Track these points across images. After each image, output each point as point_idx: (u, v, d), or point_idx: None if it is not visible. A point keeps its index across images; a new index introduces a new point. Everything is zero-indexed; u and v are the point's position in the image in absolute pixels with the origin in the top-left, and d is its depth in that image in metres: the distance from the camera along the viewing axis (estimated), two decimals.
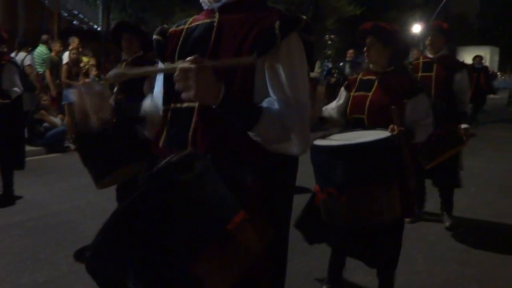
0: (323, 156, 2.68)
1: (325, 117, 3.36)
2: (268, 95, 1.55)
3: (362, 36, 3.17)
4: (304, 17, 1.60)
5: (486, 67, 15.84)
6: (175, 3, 20.12)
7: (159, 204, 1.25)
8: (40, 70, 10.02)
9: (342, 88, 3.37)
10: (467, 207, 5.45)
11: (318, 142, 2.74)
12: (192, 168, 1.33)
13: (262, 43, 1.53)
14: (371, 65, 3.20)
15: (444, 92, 4.50)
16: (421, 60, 4.80)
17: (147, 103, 1.90)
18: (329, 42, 23.49)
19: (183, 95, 1.43)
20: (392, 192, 2.66)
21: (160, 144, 1.70)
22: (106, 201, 4.43)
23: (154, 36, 1.81)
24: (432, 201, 5.13)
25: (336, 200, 2.61)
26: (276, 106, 1.52)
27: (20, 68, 5.65)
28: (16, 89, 5.26)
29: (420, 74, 4.64)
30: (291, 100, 1.52)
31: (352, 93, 3.22)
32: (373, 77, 3.15)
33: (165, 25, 1.86)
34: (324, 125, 3.38)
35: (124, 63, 4.65)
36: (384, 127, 2.83)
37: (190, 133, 1.59)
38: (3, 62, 5.18)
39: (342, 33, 21.51)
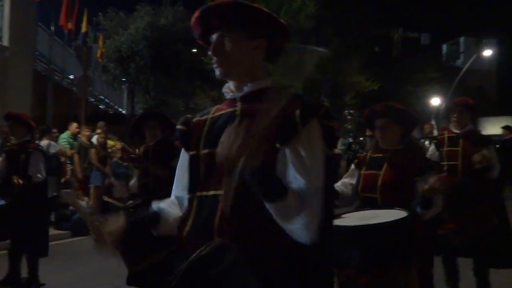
0: (339, 237, 2.63)
1: (337, 191, 3.33)
2: (285, 177, 1.57)
3: (372, 117, 3.22)
4: (324, 104, 1.67)
5: None
6: (196, 85, 20.86)
7: None
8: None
9: (353, 166, 3.38)
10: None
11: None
12: (221, 260, 1.32)
13: (284, 133, 1.58)
14: (380, 143, 3.22)
15: (471, 167, 4.45)
16: (446, 135, 4.79)
17: (164, 202, 1.90)
18: (349, 117, 23.81)
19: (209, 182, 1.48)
20: (410, 275, 2.59)
21: (185, 232, 1.69)
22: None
23: (178, 126, 1.86)
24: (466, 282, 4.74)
25: (354, 282, 2.53)
26: (295, 185, 1.54)
27: (46, 155, 5.84)
28: (39, 175, 5.41)
29: (445, 148, 4.62)
30: (310, 183, 1.54)
31: (362, 171, 3.22)
32: (383, 155, 3.16)
33: (188, 115, 1.91)
34: (336, 200, 3.34)
35: (144, 148, 4.80)
36: (398, 205, 2.80)
37: (216, 221, 1.58)
38: (30, 150, 5.37)
39: (361, 108, 21.83)
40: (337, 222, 2.70)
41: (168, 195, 1.95)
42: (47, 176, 5.66)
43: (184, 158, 1.85)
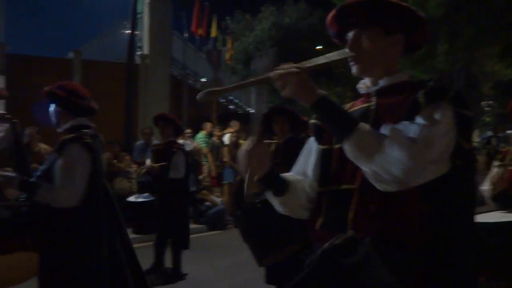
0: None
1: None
2: None
3: None
4: (454, 89, 1.56)
5: None
6: (321, 82, 20.82)
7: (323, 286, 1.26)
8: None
9: (497, 162, 3.12)
10: None
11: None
12: (355, 252, 1.33)
13: (407, 114, 1.54)
14: None
15: None
16: None
17: (290, 175, 1.90)
18: (487, 108, 22.07)
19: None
20: None
21: (317, 226, 1.71)
22: (262, 281, 4.50)
23: (312, 121, 1.87)
24: None
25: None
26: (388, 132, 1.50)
27: (187, 155, 6.23)
28: (177, 174, 5.78)
29: None
30: (413, 140, 1.45)
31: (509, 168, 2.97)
32: None
33: None
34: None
35: (275, 145, 4.89)
36: None
37: (350, 215, 1.58)
38: (174, 150, 5.78)
39: (501, 98, 20.12)
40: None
41: None
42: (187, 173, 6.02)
43: (310, 147, 1.87)
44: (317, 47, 19.39)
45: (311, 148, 1.87)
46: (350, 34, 1.72)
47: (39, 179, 2.96)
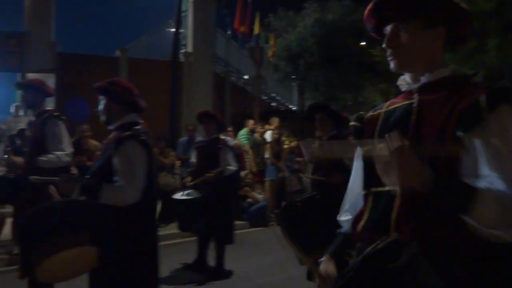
0: None
1: None
2: (476, 173, 1.45)
3: None
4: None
5: None
6: (365, 78, 20.53)
7: None
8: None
9: None
10: None
11: None
12: (399, 256, 1.30)
13: (468, 120, 1.46)
14: None
15: None
16: None
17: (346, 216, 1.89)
18: None
19: (385, 180, 1.42)
20: None
21: (359, 228, 1.68)
22: (305, 278, 4.48)
23: (352, 123, 1.85)
24: None
25: None
26: (496, 185, 1.41)
27: (232, 150, 6.29)
28: (230, 167, 5.83)
29: None
30: (509, 181, 1.40)
31: None
32: None
33: (361, 112, 1.88)
34: None
35: (319, 141, 4.86)
36: None
37: (393, 218, 1.54)
38: (219, 146, 5.84)
39: None
40: None
41: (340, 190, 1.96)
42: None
43: (359, 154, 1.82)
44: (361, 43, 19.11)
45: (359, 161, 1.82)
46: (388, 28, 1.66)
47: (93, 177, 3.01)
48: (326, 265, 1.81)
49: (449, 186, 1.42)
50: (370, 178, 1.68)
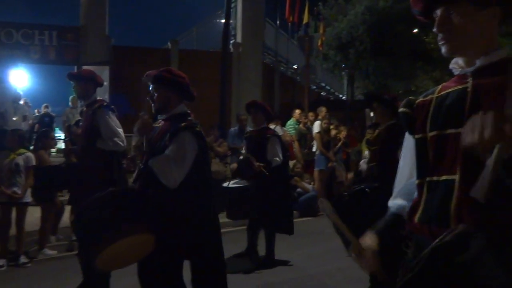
0: None
1: None
2: None
3: None
4: None
5: None
6: (417, 66, 20.00)
7: (434, 285, 1.23)
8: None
9: None
10: None
11: None
12: (467, 248, 1.26)
13: None
14: None
15: None
16: None
17: (400, 197, 1.82)
18: None
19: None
20: None
21: (416, 218, 1.63)
22: (355, 268, 4.45)
23: (401, 109, 1.77)
24: None
25: None
26: None
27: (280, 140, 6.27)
28: (277, 159, 5.83)
29: None
30: None
31: None
32: None
33: (411, 97, 1.80)
34: None
35: (377, 132, 4.79)
36: None
37: (453, 208, 1.48)
38: (268, 136, 5.84)
39: None
40: None
41: (391, 180, 1.90)
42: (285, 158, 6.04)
43: (409, 142, 1.76)
44: (414, 30, 18.62)
45: (409, 146, 1.77)
46: (438, 12, 1.58)
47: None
48: (369, 239, 1.79)
49: None
50: (424, 167, 1.63)
